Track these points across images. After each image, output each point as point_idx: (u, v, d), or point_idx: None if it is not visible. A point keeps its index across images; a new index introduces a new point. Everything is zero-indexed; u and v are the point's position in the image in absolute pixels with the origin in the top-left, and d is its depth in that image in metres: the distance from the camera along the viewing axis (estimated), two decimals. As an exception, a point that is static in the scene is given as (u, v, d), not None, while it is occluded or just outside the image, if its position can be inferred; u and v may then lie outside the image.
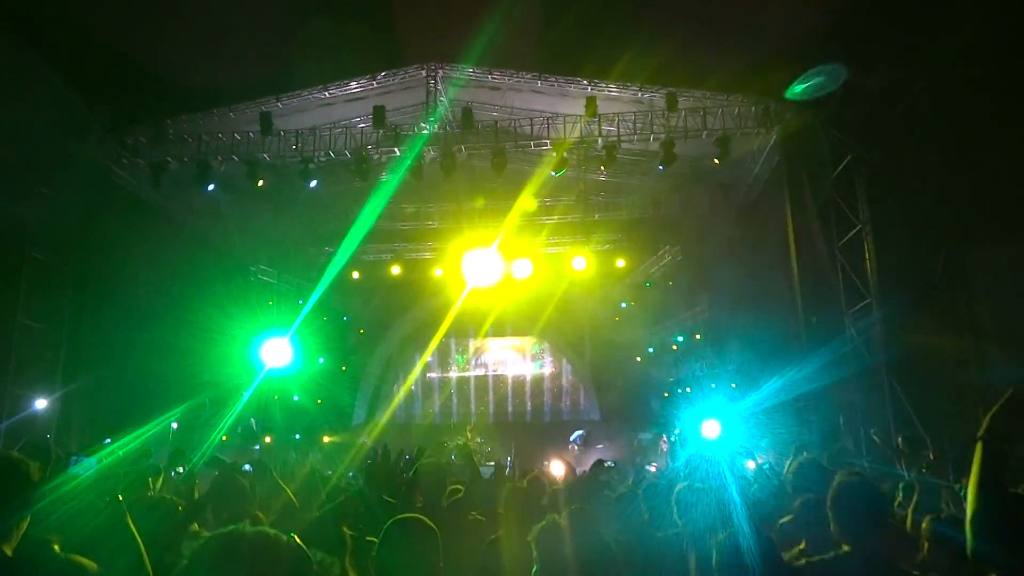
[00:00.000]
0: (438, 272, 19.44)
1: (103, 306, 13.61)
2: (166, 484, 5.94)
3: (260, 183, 14.45)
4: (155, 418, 11.54)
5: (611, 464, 8.67)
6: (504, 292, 18.82)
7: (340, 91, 14.16)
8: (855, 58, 11.49)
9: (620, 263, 19.14)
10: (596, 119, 13.61)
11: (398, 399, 24.56)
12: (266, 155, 14.36)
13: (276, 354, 15.26)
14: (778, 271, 13.77)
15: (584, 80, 13.58)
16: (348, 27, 13.18)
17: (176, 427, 14.50)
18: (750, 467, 7.75)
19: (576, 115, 13.74)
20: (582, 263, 16.99)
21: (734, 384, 14.70)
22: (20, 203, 13.02)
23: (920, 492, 4.59)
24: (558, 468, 8.65)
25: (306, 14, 13.07)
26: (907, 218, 11.37)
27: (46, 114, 12.80)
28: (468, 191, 17.00)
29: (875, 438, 9.75)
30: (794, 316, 13.15)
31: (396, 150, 14.47)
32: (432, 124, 14.21)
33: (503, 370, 25.68)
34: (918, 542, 3.71)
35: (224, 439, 15.93)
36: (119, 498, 2.50)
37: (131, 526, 2.43)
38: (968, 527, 1.99)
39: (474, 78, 13.95)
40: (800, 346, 12.52)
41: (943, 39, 10.04)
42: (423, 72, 14.03)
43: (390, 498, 4.70)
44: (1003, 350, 9.87)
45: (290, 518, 4.17)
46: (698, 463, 4.24)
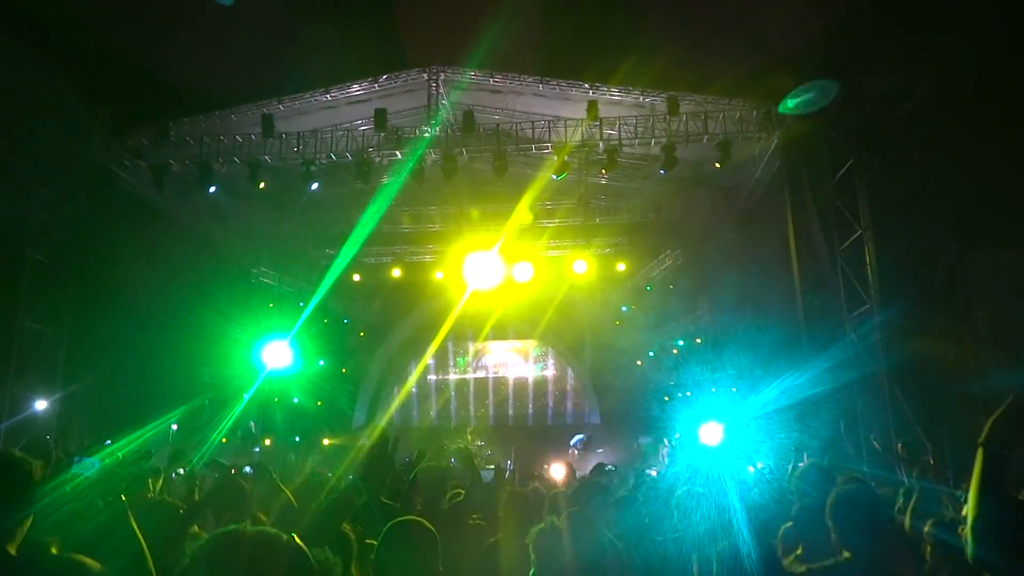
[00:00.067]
0: (439, 275, 19.44)
1: (104, 307, 13.61)
2: (166, 485, 5.93)
3: (261, 185, 14.47)
4: (155, 419, 11.56)
5: (611, 468, 8.67)
6: (505, 295, 18.81)
7: (342, 94, 14.19)
8: (856, 63, 11.51)
9: (621, 267, 19.16)
10: (597, 123, 13.62)
11: (398, 402, 24.54)
12: (267, 157, 14.39)
13: (276, 356, 15.27)
14: (779, 275, 13.77)
15: (586, 84, 13.59)
16: (350, 30, 13.21)
17: (176, 428, 14.52)
18: (750, 472, 7.73)
19: (578, 119, 13.76)
20: (583, 267, 17.00)
21: (734, 388, 14.68)
22: (22, 204, 13.04)
23: (918, 497, 4.58)
24: (559, 471, 8.65)
25: (308, 17, 13.10)
26: (908, 223, 11.36)
27: (48, 115, 12.85)
28: (469, 194, 17.00)
29: (875, 443, 9.73)
30: (795, 321, 13.15)
31: (397, 153, 14.47)
32: (434, 127, 14.22)
33: (504, 372, 25.63)
34: (918, 547, 3.70)
35: (224, 441, 15.94)
36: (122, 498, 2.49)
37: (134, 526, 2.42)
38: (969, 533, 1.99)
39: (476, 81, 13.97)
40: (801, 351, 12.50)
41: (944, 44, 10.06)
42: (425, 75, 14.06)
43: (390, 501, 4.69)
44: (1004, 355, 9.87)
45: (290, 519, 4.17)
46: (698, 468, 4.24)
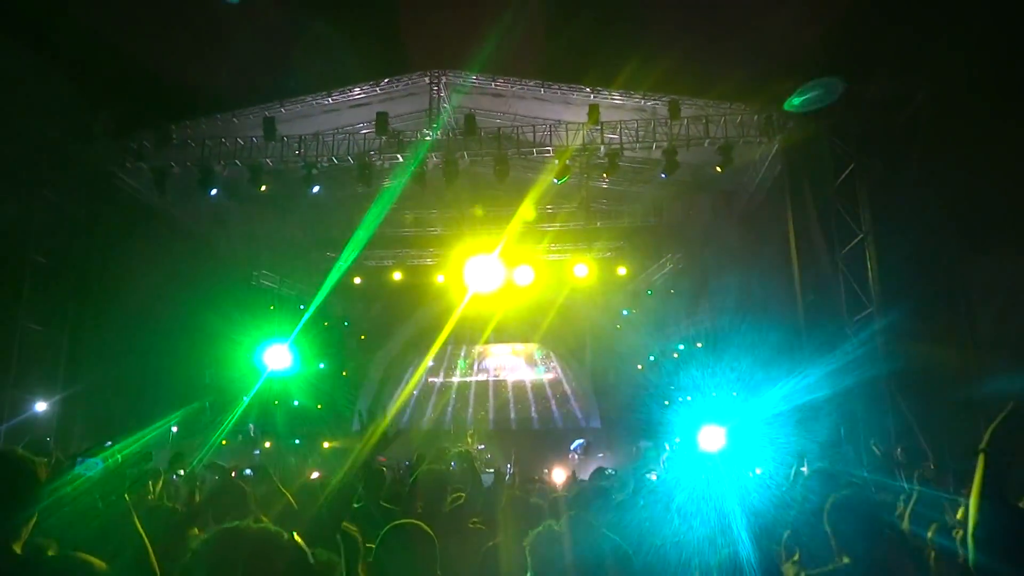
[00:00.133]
0: (440, 278, 19.45)
1: (105, 309, 13.63)
2: (166, 487, 5.93)
3: (263, 188, 14.48)
4: (155, 421, 11.56)
5: (611, 472, 8.65)
6: (505, 299, 18.82)
7: (343, 97, 14.22)
8: (857, 67, 11.51)
9: (622, 270, 19.16)
10: (599, 127, 13.64)
11: (398, 405, 24.52)
12: (269, 160, 14.41)
13: (277, 359, 15.28)
14: (780, 279, 13.76)
15: (587, 88, 13.60)
16: (352, 33, 13.21)
17: (176, 431, 14.51)
18: (751, 476, 7.72)
19: (579, 123, 13.77)
20: (584, 270, 17.03)
21: (735, 393, 14.66)
22: (23, 206, 13.07)
23: (917, 501, 4.57)
24: (559, 476, 8.65)
25: (310, 20, 13.11)
26: (909, 227, 11.35)
27: (50, 118, 12.87)
28: (470, 198, 17.01)
29: (875, 448, 9.69)
30: (795, 324, 13.13)
31: (399, 156, 14.49)
32: (435, 131, 14.24)
33: (505, 375, 25.63)
34: (918, 552, 3.69)
35: (224, 443, 15.93)
36: (125, 497, 2.49)
37: (137, 525, 2.42)
38: (970, 540, 1.99)
39: (477, 85, 14.00)
40: (801, 355, 12.49)
41: (945, 48, 10.06)
42: (426, 79, 14.08)
43: (390, 504, 4.69)
44: (1005, 360, 9.84)
45: (290, 520, 4.17)
46: (697, 472, 4.23)
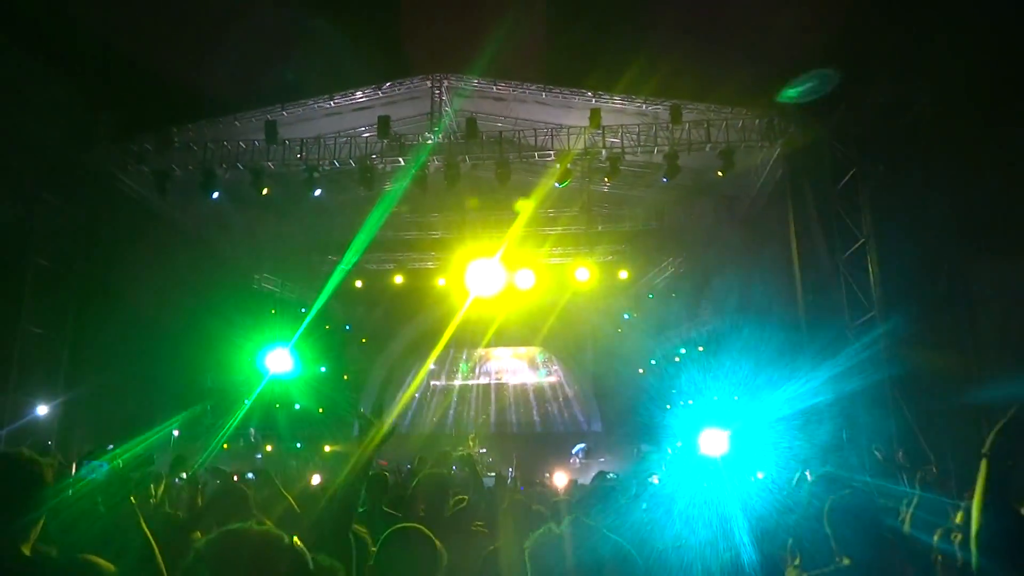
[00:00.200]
0: (441, 282, 19.45)
1: (106, 312, 13.63)
2: (168, 491, 5.92)
3: (265, 191, 14.49)
4: (157, 425, 11.55)
5: (613, 476, 8.64)
6: (507, 302, 18.81)
7: (345, 100, 14.23)
8: (858, 71, 11.51)
9: (623, 274, 19.14)
10: (600, 131, 13.64)
11: (399, 408, 24.51)
12: (271, 163, 14.42)
13: (278, 362, 15.28)
14: (781, 284, 13.76)
15: (589, 92, 13.61)
16: (354, 37, 13.26)
17: (177, 434, 14.50)
18: (753, 481, 7.71)
19: (580, 126, 13.78)
20: (585, 274, 17.00)
21: (736, 396, 14.64)
22: (25, 209, 13.09)
23: (918, 504, 4.56)
24: (561, 479, 8.64)
25: (312, 24, 13.16)
26: (911, 231, 11.35)
27: (52, 121, 12.89)
28: (472, 201, 17.03)
29: (877, 453, 9.67)
30: (797, 329, 13.12)
31: (400, 160, 14.51)
32: (436, 134, 14.26)
33: (506, 378, 25.62)
34: (919, 555, 3.68)
35: (226, 447, 15.93)
36: (131, 500, 2.50)
37: (143, 527, 2.43)
38: (973, 544, 1.99)
39: (479, 89, 14.02)
40: (803, 359, 12.48)
41: (946, 52, 10.06)
42: (428, 82, 14.10)
43: (392, 510, 4.69)
44: (1007, 364, 9.83)
45: (292, 524, 4.18)
46: (698, 476, 4.23)
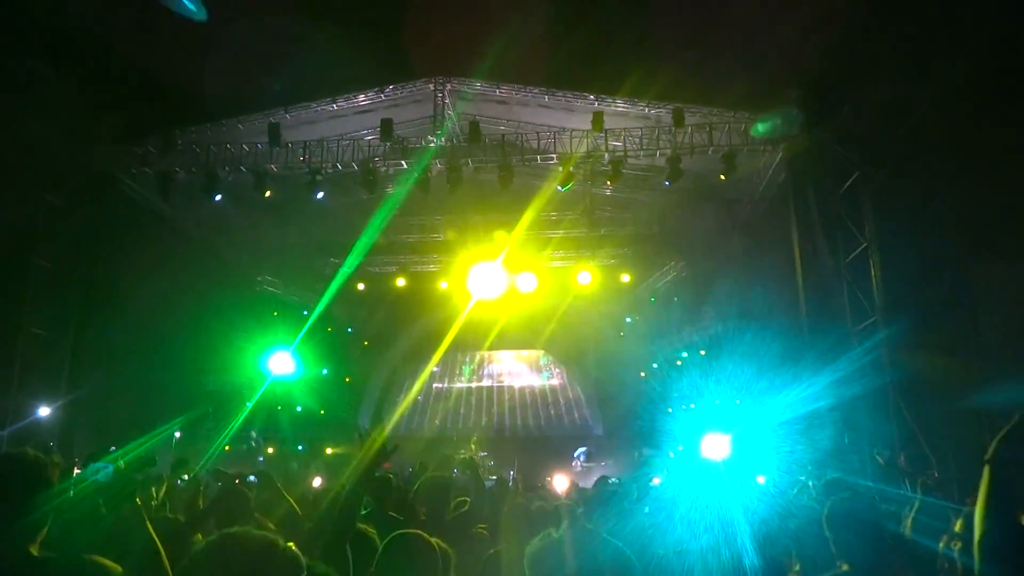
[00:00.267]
0: (443, 285, 19.45)
1: (108, 314, 13.65)
2: (170, 493, 5.93)
3: (267, 194, 14.52)
4: (159, 427, 11.57)
5: (614, 480, 8.62)
6: (509, 305, 18.82)
7: (348, 103, 14.26)
8: (860, 76, 11.52)
9: (625, 278, 19.15)
10: (603, 134, 13.63)
11: (401, 411, 24.52)
12: (274, 166, 14.43)
13: (280, 365, 15.30)
14: (783, 287, 13.74)
15: (591, 95, 13.64)
16: (357, 40, 13.26)
17: (179, 436, 14.52)
18: (755, 485, 7.69)
19: (583, 130, 13.79)
20: (587, 277, 17.02)
21: (738, 400, 14.63)
22: (27, 210, 13.11)
23: (920, 509, 4.55)
24: (562, 483, 8.62)
25: (315, 26, 13.17)
26: (913, 235, 11.34)
27: (55, 122, 12.91)
28: (474, 204, 17.04)
29: (878, 457, 9.65)
30: (799, 333, 13.10)
31: (403, 163, 14.53)
32: (439, 137, 14.28)
33: (508, 381, 25.63)
34: (920, 560, 3.67)
35: (227, 449, 15.94)
36: (136, 501, 2.51)
37: (149, 528, 2.43)
38: (976, 552, 1.98)
39: (482, 92, 14.04)
40: (805, 363, 12.45)
41: (949, 56, 10.06)
42: (431, 86, 14.13)
43: (396, 514, 4.68)
44: (1010, 369, 9.80)
45: (293, 527, 4.18)
46: (699, 480, 4.23)
